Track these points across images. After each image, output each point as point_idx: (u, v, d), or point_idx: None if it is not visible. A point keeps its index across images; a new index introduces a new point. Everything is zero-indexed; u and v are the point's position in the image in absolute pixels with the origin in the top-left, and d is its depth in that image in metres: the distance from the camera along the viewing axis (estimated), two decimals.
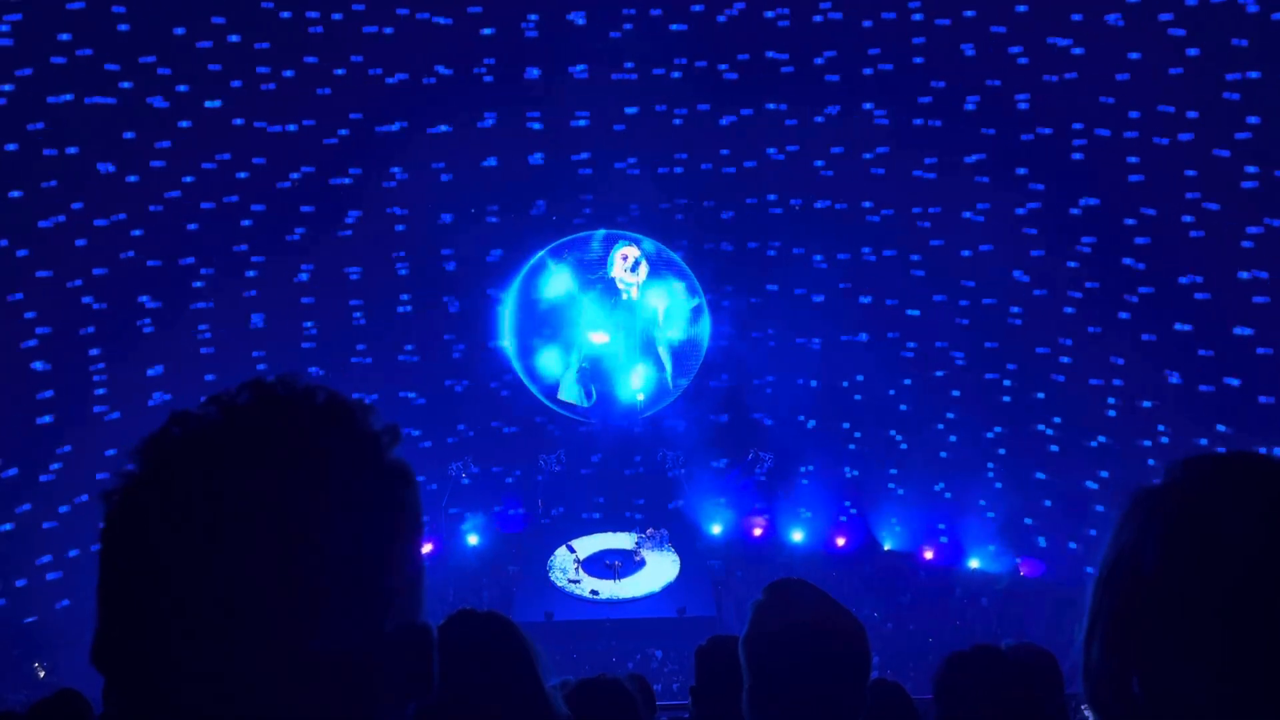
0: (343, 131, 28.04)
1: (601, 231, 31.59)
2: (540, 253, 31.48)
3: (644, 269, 31.83)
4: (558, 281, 31.70)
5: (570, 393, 32.31)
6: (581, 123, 29.45)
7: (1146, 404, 25.98)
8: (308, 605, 1.09)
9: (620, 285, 32.03)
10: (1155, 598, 1.25)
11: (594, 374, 32.40)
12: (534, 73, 28.82)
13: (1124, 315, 26.38)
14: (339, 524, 1.12)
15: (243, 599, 1.07)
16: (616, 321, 32.18)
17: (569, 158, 29.88)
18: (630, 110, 29.47)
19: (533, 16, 28.47)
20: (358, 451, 1.17)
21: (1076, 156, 26.46)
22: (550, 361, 32.08)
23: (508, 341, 31.73)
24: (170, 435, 1.14)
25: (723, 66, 28.96)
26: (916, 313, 29.53)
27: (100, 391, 25.92)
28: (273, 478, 1.10)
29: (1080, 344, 27.28)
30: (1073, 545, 26.69)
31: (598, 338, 32.18)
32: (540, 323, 31.93)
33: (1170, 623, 1.23)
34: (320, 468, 1.13)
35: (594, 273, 31.97)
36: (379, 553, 1.16)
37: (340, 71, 27.56)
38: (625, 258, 31.86)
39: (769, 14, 28.36)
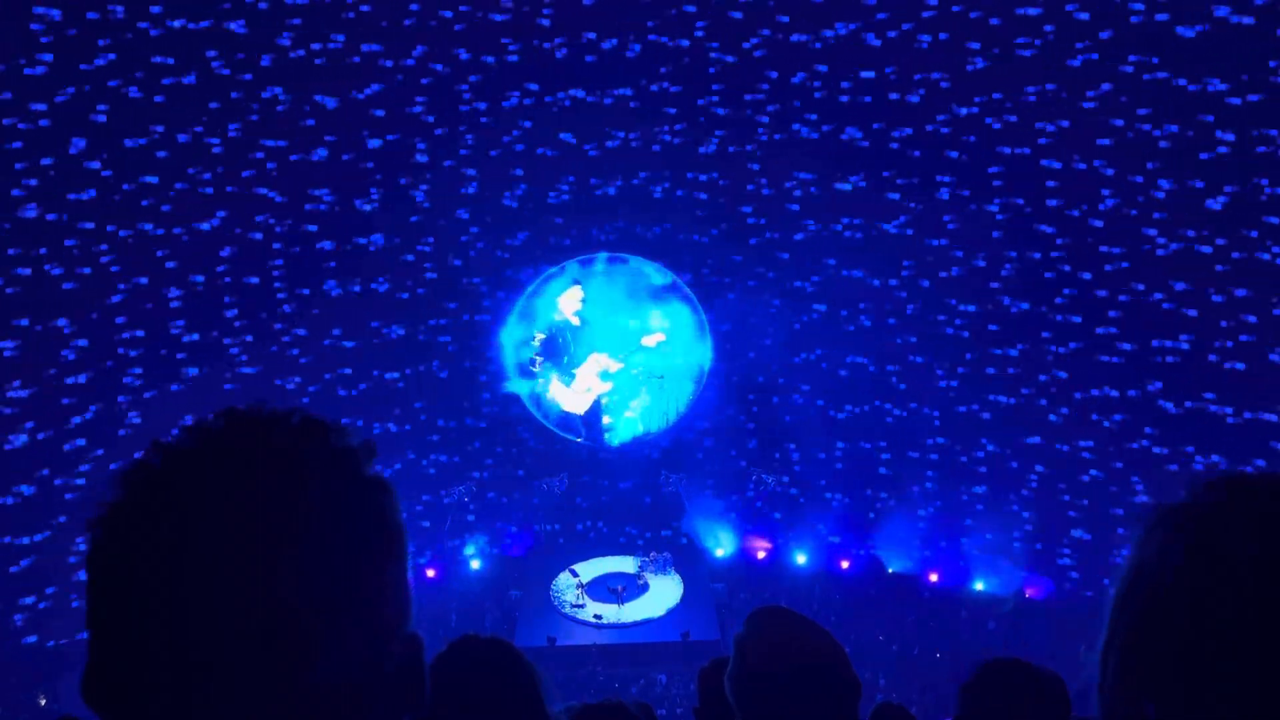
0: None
1: (603, 254, 31.60)
2: (544, 273, 31.53)
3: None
4: (562, 303, 31.78)
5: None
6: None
7: (1180, 427, 25.40)
8: (301, 616, 1.09)
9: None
10: (1172, 617, 1.23)
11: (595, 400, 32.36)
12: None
13: (1178, 352, 25.76)
14: (323, 537, 1.13)
15: (233, 615, 1.07)
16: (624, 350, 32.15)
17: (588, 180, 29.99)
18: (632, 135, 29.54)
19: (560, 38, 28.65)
20: (336, 466, 1.19)
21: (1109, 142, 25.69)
22: (556, 385, 32.05)
23: (508, 361, 31.73)
24: (150, 463, 1.15)
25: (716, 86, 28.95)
26: (943, 338, 29.17)
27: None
28: (255, 496, 1.11)
29: (1110, 362, 26.87)
30: (1075, 574, 26.51)
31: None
32: (543, 345, 31.95)
33: (1187, 644, 1.21)
34: (300, 484, 1.14)
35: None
36: (365, 563, 1.17)
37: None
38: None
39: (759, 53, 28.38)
